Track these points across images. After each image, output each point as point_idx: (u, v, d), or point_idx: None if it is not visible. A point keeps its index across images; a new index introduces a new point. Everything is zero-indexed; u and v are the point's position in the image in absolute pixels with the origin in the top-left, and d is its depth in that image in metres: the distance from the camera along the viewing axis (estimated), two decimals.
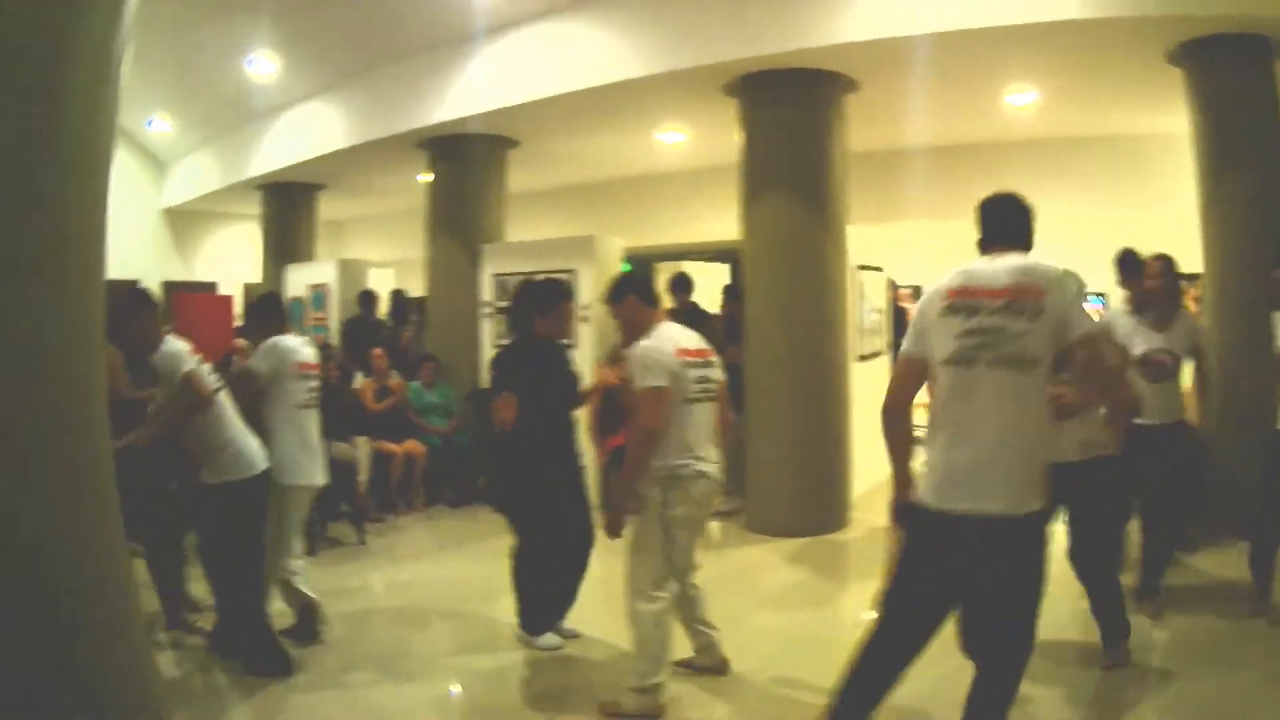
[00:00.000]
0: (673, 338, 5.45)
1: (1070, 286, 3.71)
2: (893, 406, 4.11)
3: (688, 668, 5.81)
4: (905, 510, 3.91)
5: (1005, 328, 3.66)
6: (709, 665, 5.83)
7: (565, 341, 7.04)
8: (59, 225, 3.84)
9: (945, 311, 3.79)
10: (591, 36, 10.11)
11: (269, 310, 6.76)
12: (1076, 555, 5.73)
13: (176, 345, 5.95)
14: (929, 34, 8.30)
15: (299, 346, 6.51)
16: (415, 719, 5.47)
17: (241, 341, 10.01)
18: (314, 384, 6.57)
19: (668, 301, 11.08)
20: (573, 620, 6.58)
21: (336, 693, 5.72)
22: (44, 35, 3.73)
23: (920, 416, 3.99)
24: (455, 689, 5.95)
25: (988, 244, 3.96)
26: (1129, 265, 6.92)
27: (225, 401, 6.03)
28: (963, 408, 3.73)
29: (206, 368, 6.05)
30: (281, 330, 6.52)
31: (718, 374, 5.60)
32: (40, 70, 3.73)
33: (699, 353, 5.51)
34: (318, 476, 6.49)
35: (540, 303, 6.42)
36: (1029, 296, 3.66)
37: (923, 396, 4.00)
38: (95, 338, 4.15)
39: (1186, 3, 7.77)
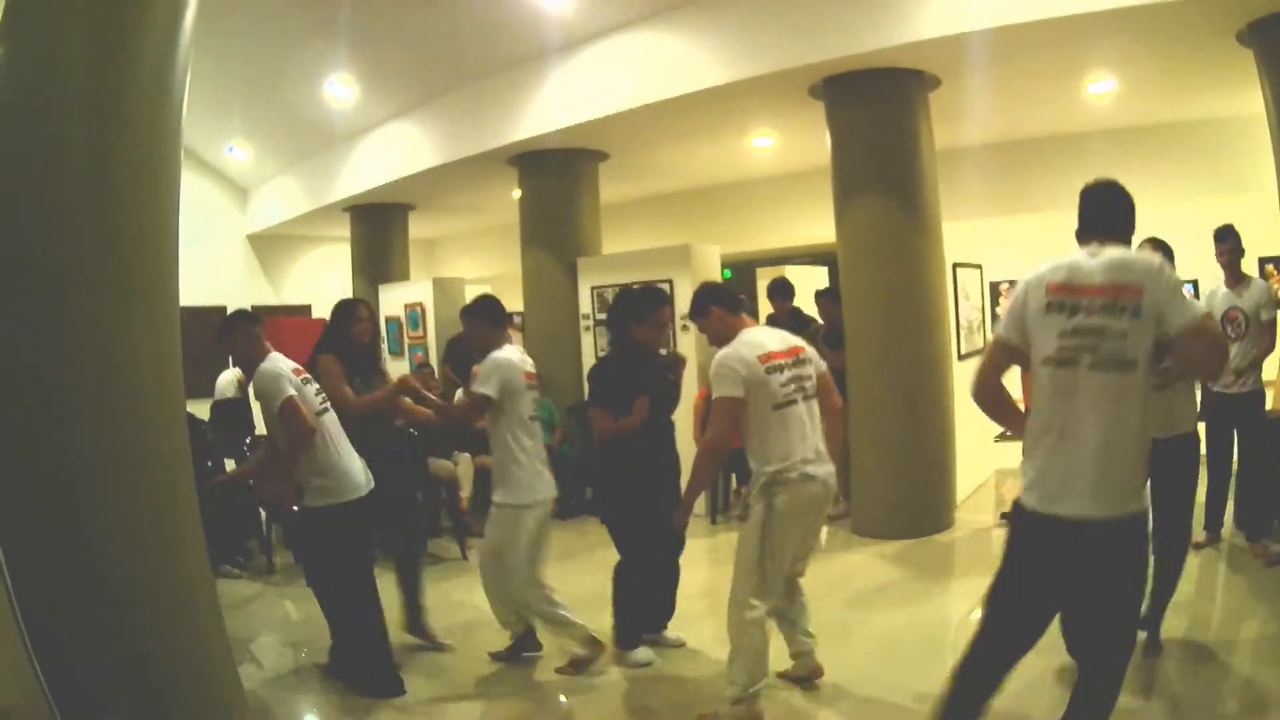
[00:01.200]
0: (755, 342, 5.37)
1: (1167, 278, 3.64)
2: (982, 388, 4.12)
3: (784, 679, 5.86)
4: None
5: (1106, 328, 3.63)
6: (802, 674, 5.85)
7: (665, 351, 7.08)
8: (128, 240, 3.98)
9: (1047, 309, 3.76)
10: (673, 45, 10.17)
11: (489, 317, 6.38)
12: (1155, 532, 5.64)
13: (277, 365, 5.85)
14: (1005, 25, 8.26)
15: (521, 357, 6.29)
16: None
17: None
18: (537, 394, 6.34)
19: (768, 307, 11.14)
20: (679, 629, 6.75)
21: (431, 706, 5.88)
22: (103, 53, 3.90)
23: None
24: (562, 698, 6.03)
25: (1085, 234, 3.93)
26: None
27: (331, 423, 5.98)
28: (1064, 409, 3.70)
29: (312, 388, 6.00)
30: (501, 341, 6.28)
31: (814, 368, 5.53)
32: (101, 87, 3.89)
33: (789, 352, 5.43)
34: (553, 489, 6.30)
35: (636, 310, 6.39)
36: (1128, 294, 3.63)
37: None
38: (171, 351, 4.28)
39: None
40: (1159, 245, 6.23)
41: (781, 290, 10.92)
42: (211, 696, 4.29)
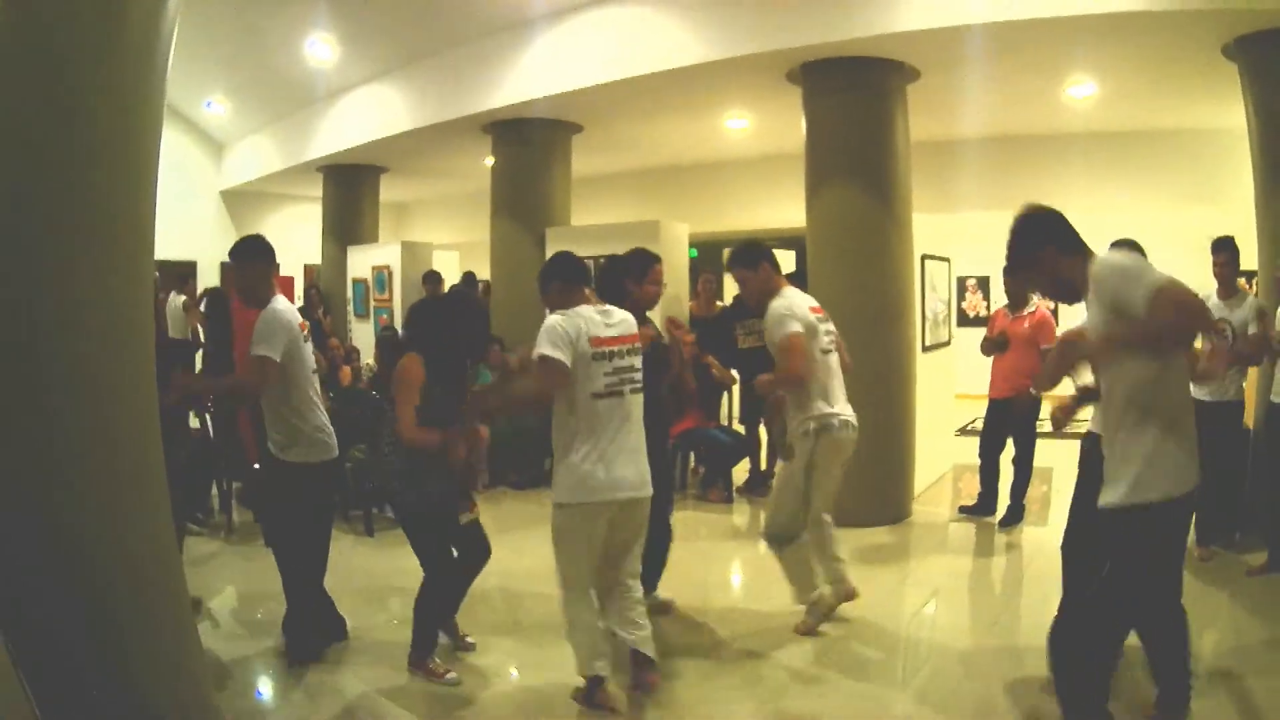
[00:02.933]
0: (802, 298, 6.28)
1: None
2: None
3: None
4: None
5: None
6: (840, 597, 6.52)
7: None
8: (106, 204, 3.90)
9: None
10: (655, 21, 10.13)
11: (566, 272, 5.41)
12: None
13: (280, 315, 5.69)
14: (990, 23, 8.29)
15: (594, 316, 5.18)
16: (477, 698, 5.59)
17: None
18: (624, 363, 5.19)
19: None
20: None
21: (380, 672, 5.87)
22: (92, 12, 3.80)
23: None
24: (514, 672, 6.07)
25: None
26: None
27: (313, 386, 5.91)
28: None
29: (308, 348, 5.94)
30: (579, 299, 5.30)
31: (832, 326, 6.42)
32: (89, 46, 3.79)
33: (820, 310, 6.36)
34: (619, 489, 5.14)
35: (634, 269, 6.50)
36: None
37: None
38: (144, 314, 4.22)
39: None
40: (1131, 246, 6.35)
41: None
42: (176, 667, 4.23)
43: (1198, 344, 6.37)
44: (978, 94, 10.99)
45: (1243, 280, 8.05)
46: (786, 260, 13.28)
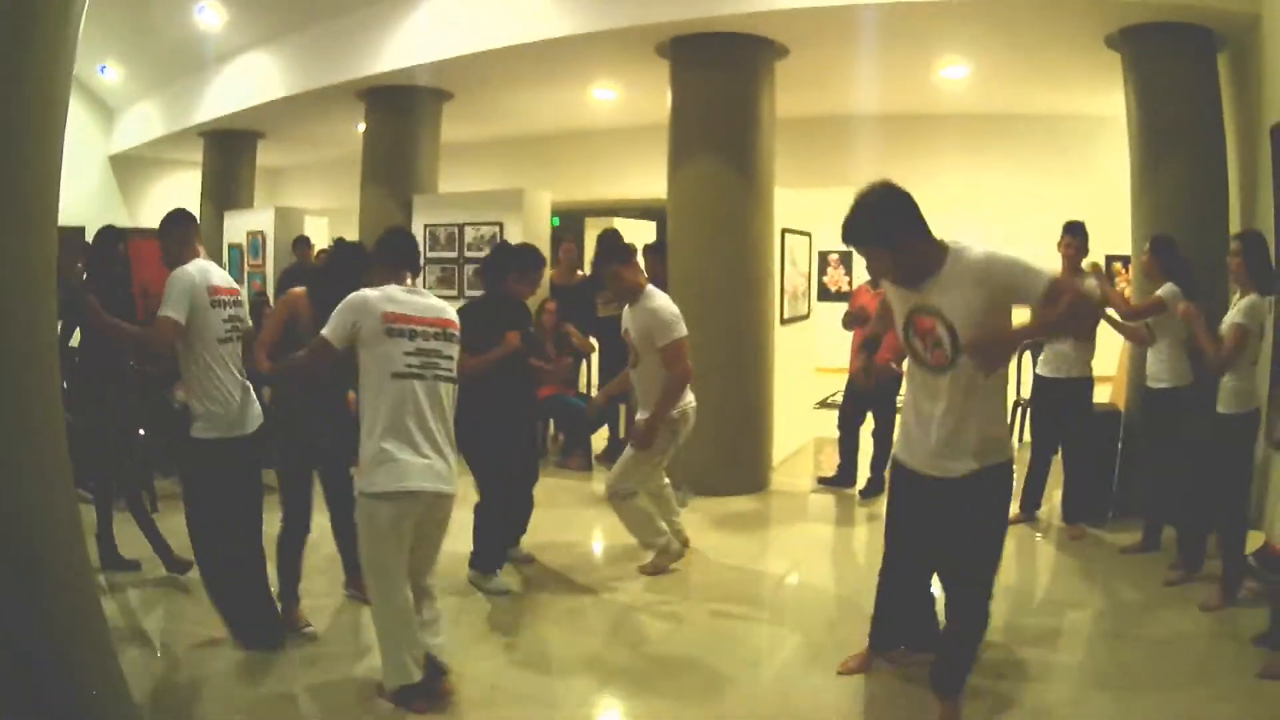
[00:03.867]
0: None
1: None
2: None
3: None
4: None
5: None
6: (682, 542, 7.39)
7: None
8: (14, 171, 3.85)
9: None
10: None
11: (389, 254, 5.27)
12: None
13: (190, 275, 5.41)
14: (861, 3, 8.41)
15: (397, 294, 4.95)
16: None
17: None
18: (430, 346, 4.94)
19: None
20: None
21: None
22: None
23: None
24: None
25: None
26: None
27: (229, 354, 5.54)
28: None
29: (223, 312, 5.51)
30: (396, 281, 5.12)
31: None
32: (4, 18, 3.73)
33: None
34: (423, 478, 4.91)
35: (524, 264, 6.80)
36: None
37: None
38: (46, 283, 4.12)
39: None
40: (1075, 228, 6.71)
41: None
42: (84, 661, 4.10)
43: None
44: (849, 72, 11.11)
45: (1092, 263, 8.20)
46: (648, 231, 13.38)
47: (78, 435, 4.93)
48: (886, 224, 4.26)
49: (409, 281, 5.09)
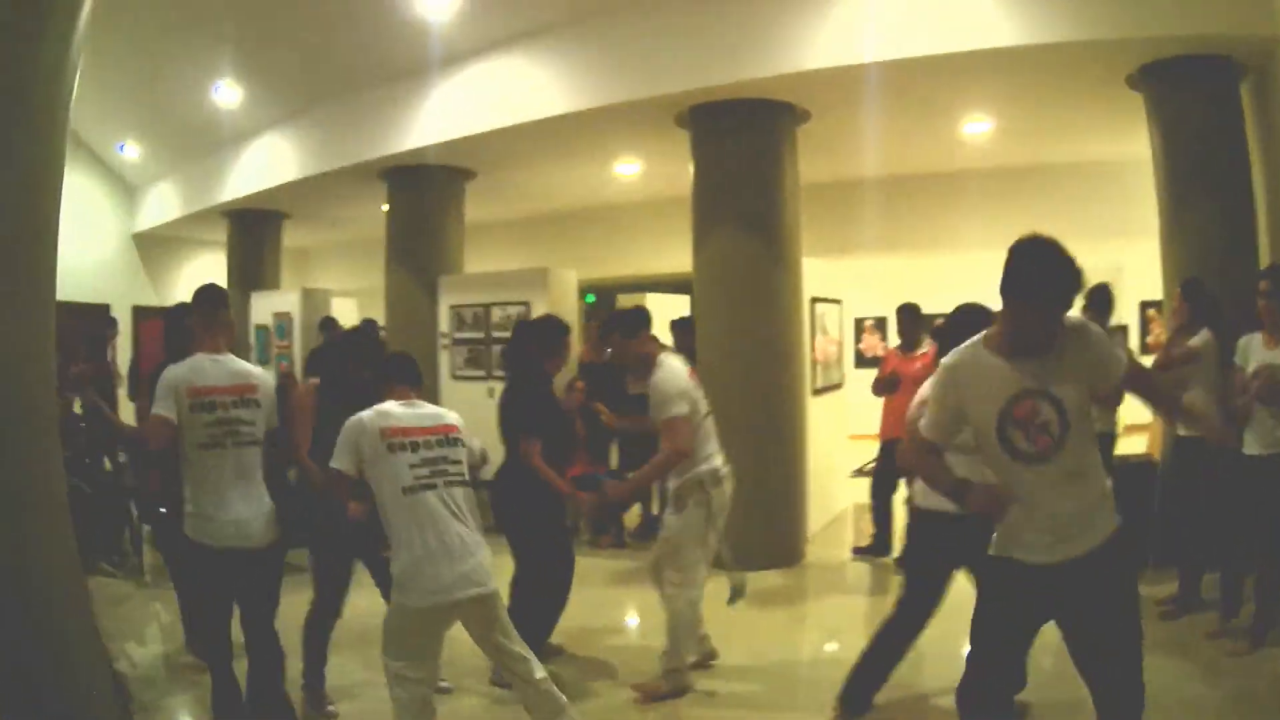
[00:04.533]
0: (681, 366, 6.36)
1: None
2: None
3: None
4: None
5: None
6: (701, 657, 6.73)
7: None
8: (8, 237, 3.93)
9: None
10: (544, 68, 10.26)
11: (390, 371, 5.28)
12: None
13: (176, 372, 5.10)
14: (881, 62, 8.36)
15: (394, 409, 4.97)
16: None
17: None
18: (434, 454, 4.91)
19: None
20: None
21: None
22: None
23: None
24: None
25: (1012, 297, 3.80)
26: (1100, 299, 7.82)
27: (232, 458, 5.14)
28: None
29: (205, 416, 5.04)
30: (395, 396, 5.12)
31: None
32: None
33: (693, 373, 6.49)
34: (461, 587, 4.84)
35: (549, 343, 6.73)
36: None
37: None
38: (45, 350, 4.24)
39: (1145, 25, 7.76)
40: (1099, 290, 6.50)
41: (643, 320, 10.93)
42: (83, 687, 4.30)
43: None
44: (871, 134, 11.10)
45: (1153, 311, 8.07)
46: (681, 305, 13.37)
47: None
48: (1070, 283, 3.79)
49: (410, 396, 5.08)
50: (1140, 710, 3.91)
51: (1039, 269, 3.71)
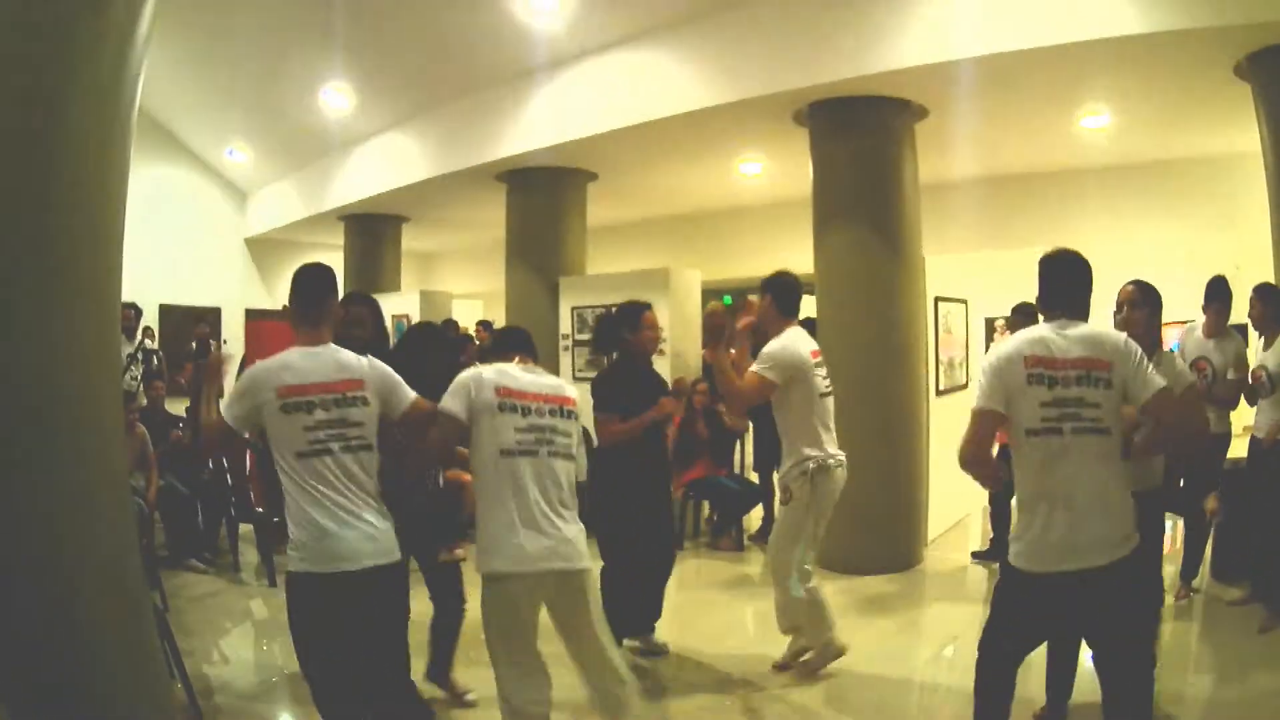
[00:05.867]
0: (807, 340, 6.52)
1: (1133, 354, 4.11)
2: (974, 459, 4.29)
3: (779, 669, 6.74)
4: None
5: (1083, 397, 4.05)
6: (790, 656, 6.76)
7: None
8: (70, 231, 4.13)
9: (1027, 380, 4.09)
10: (661, 66, 10.44)
11: (502, 343, 5.28)
12: None
13: (256, 368, 4.43)
14: (994, 54, 8.35)
15: (511, 370, 4.94)
16: None
17: None
18: (544, 422, 4.85)
19: None
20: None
21: None
22: (52, 51, 3.98)
23: None
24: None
25: (1049, 308, 4.32)
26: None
27: (327, 468, 4.34)
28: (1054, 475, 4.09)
29: (305, 419, 4.26)
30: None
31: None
32: (49, 86, 3.98)
33: (818, 353, 6.53)
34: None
35: (629, 320, 6.89)
36: (1100, 368, 4.07)
37: None
38: (110, 341, 4.52)
39: (1250, 9, 7.59)
40: (1145, 289, 6.40)
41: None
42: (136, 667, 4.49)
43: None
44: (988, 130, 11.15)
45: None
46: (807, 306, 13.42)
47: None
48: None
49: (528, 362, 5.07)
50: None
51: None
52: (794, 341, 6.38)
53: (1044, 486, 4.06)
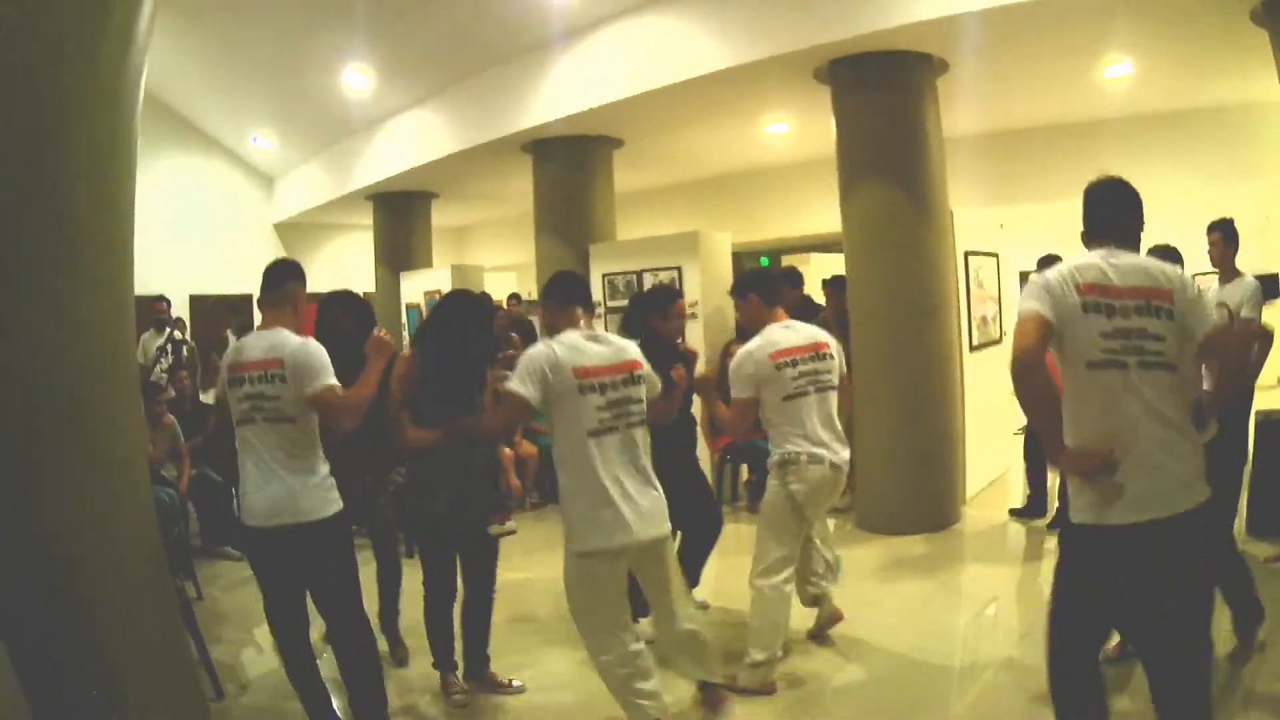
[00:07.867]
0: (772, 341, 6.05)
1: (1191, 286, 3.85)
2: (1026, 369, 3.77)
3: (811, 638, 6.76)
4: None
5: (1145, 328, 3.72)
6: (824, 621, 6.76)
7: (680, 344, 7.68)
8: (79, 225, 4.38)
9: (1083, 308, 3.76)
10: (678, 28, 10.65)
11: (557, 290, 5.40)
12: None
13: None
14: (1013, 4, 8.30)
15: (579, 342, 5.03)
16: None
17: None
18: (619, 395, 5.03)
19: None
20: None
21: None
22: (56, 45, 4.19)
23: None
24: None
25: (1096, 237, 4.03)
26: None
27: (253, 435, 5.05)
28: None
29: (250, 389, 4.97)
30: (570, 320, 5.22)
31: (831, 364, 6.19)
32: (54, 80, 4.19)
33: (808, 348, 6.10)
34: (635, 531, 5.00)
35: (658, 304, 7.06)
36: (1161, 297, 3.76)
37: None
38: (125, 335, 4.81)
39: None
40: (1168, 253, 6.30)
41: (789, 279, 11.24)
42: (162, 658, 4.81)
43: None
44: (1010, 83, 11.30)
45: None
46: (835, 264, 13.63)
47: None
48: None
49: (583, 322, 5.19)
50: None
51: None
52: (759, 347, 6.11)
53: (1107, 428, 3.72)
